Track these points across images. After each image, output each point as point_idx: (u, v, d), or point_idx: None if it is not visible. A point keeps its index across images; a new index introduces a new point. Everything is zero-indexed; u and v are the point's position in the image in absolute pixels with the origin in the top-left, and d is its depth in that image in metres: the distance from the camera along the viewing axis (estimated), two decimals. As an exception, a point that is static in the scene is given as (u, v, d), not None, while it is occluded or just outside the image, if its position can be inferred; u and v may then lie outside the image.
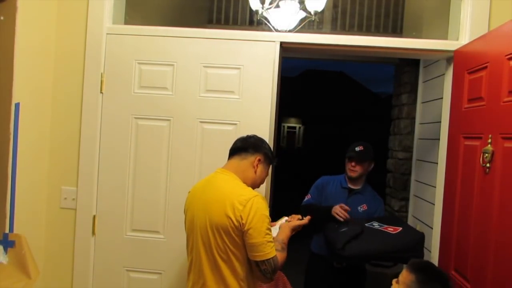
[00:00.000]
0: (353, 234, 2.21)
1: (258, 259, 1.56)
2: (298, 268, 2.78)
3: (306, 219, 1.89)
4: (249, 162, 1.74)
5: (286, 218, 1.96)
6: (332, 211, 2.41)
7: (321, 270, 2.63)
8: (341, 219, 2.35)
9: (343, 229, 2.28)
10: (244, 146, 1.77)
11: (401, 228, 2.29)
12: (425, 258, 2.67)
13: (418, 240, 2.23)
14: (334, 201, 2.54)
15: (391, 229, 2.27)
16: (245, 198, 1.58)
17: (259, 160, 1.76)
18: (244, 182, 1.70)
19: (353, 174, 2.59)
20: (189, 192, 1.81)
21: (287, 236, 1.76)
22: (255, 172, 1.75)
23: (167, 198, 2.18)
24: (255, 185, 1.77)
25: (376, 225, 2.33)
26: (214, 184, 1.69)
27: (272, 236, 1.60)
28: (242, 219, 1.55)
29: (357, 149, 2.60)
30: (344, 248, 2.17)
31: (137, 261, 2.20)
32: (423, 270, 1.52)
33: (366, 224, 2.33)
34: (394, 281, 1.59)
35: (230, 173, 1.71)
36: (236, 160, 1.75)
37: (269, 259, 1.56)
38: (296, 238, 1.93)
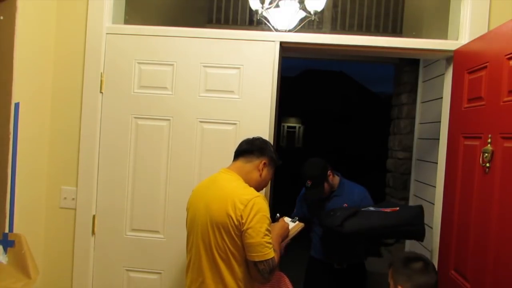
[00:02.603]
0: (349, 213, 2.19)
1: (256, 259, 1.56)
2: (298, 271, 2.78)
3: (297, 225, 1.92)
4: (254, 165, 1.75)
5: (286, 218, 1.96)
6: None
7: (321, 274, 2.62)
8: None
9: (338, 213, 2.27)
10: (250, 148, 1.77)
11: (398, 208, 2.28)
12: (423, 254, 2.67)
13: (416, 213, 2.22)
14: (315, 209, 2.53)
15: (388, 210, 2.26)
16: (246, 198, 1.58)
17: (265, 163, 1.77)
18: (248, 184, 1.70)
19: (323, 196, 2.49)
20: (192, 190, 1.82)
21: (278, 242, 1.74)
22: (260, 175, 1.76)
23: (166, 198, 2.18)
24: (259, 188, 1.77)
25: (372, 208, 2.31)
26: (217, 183, 1.70)
27: (271, 237, 1.60)
28: (242, 218, 1.55)
29: (307, 184, 2.45)
30: (342, 225, 2.14)
31: (137, 261, 2.20)
32: (396, 261, 1.56)
33: (362, 209, 2.30)
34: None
35: (234, 174, 1.72)
36: (241, 162, 1.76)
37: (268, 259, 1.56)
38: (295, 243, 1.93)
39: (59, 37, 2.19)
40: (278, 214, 1.94)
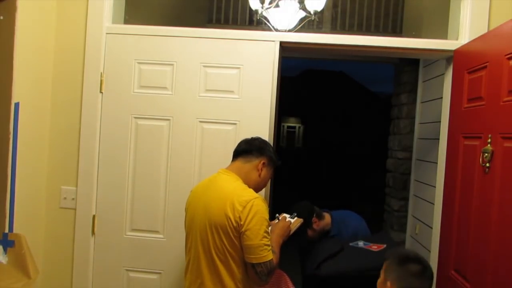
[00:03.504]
0: (330, 253, 2.06)
1: (254, 261, 1.55)
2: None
3: (296, 221, 1.89)
4: (253, 165, 1.74)
5: (284, 214, 1.96)
6: None
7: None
8: None
9: (319, 245, 2.14)
10: (249, 148, 1.77)
11: (385, 245, 2.14)
12: (424, 258, 2.66)
13: None
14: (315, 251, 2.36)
15: (375, 247, 2.12)
16: (245, 199, 1.58)
17: (264, 163, 1.76)
18: (247, 184, 1.69)
19: (312, 238, 2.32)
20: (191, 191, 1.82)
21: (278, 243, 1.72)
22: (259, 175, 1.75)
23: (166, 198, 2.18)
24: (258, 188, 1.76)
25: (360, 243, 2.18)
26: (216, 184, 1.69)
27: (269, 239, 1.60)
28: (240, 220, 1.55)
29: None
30: (319, 268, 2.03)
31: (137, 261, 2.20)
32: (393, 255, 1.48)
33: (350, 244, 2.18)
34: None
35: (233, 174, 1.71)
36: (240, 162, 1.75)
37: (266, 261, 1.55)
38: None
39: (59, 37, 2.19)
40: (277, 214, 1.94)
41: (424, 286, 1.39)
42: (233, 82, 2.16)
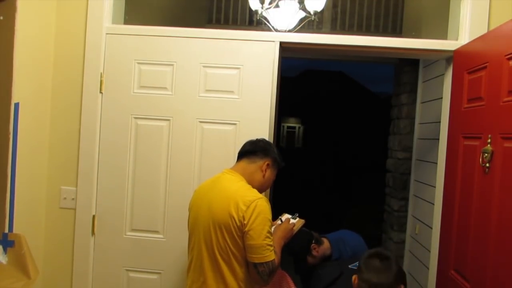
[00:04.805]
0: (330, 279, 2.01)
1: (256, 261, 1.56)
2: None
3: (298, 222, 1.88)
4: (258, 166, 1.75)
5: (286, 214, 1.96)
6: None
7: None
8: None
9: (319, 271, 2.10)
10: (254, 149, 1.78)
11: None
12: (424, 258, 2.66)
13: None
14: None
15: None
16: (249, 199, 1.59)
17: (268, 164, 1.77)
18: (250, 185, 1.70)
19: (312, 265, 2.20)
20: (195, 191, 1.82)
21: (280, 245, 1.73)
22: (263, 176, 1.76)
23: (166, 198, 2.18)
24: (262, 189, 1.77)
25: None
26: (220, 184, 1.70)
27: (272, 239, 1.61)
28: (244, 219, 1.56)
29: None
30: None
31: (137, 261, 2.20)
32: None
33: (349, 266, 2.09)
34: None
35: (237, 174, 1.72)
36: (244, 163, 1.76)
37: (268, 261, 1.56)
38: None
39: (59, 37, 2.19)
40: (280, 216, 1.94)
41: (375, 280, 1.48)
42: (233, 83, 2.16)
